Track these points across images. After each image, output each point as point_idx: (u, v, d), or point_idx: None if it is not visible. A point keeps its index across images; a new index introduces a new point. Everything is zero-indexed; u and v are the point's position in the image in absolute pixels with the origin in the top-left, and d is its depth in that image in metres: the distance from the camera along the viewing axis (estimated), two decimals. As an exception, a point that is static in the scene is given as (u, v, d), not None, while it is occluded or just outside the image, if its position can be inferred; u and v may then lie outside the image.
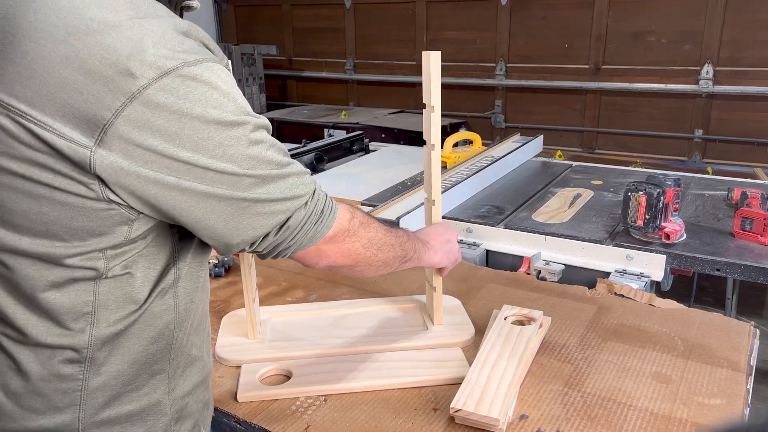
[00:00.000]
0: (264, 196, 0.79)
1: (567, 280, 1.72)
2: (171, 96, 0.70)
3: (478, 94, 4.81)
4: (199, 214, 0.77)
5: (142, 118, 0.69)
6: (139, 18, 0.71)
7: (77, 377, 0.79)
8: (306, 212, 0.84)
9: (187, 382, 0.90)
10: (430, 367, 1.24)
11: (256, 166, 0.78)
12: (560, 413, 1.10)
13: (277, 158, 0.81)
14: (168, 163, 0.72)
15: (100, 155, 0.69)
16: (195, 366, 0.91)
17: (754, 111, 3.95)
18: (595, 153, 4.48)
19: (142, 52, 0.69)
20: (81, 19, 0.69)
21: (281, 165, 0.81)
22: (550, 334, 1.36)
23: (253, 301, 1.32)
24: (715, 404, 1.12)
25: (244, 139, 0.76)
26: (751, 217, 1.78)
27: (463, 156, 2.64)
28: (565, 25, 4.40)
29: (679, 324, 1.39)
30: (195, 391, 0.92)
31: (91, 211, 0.73)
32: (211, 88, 0.73)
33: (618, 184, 2.36)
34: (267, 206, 0.80)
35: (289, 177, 0.82)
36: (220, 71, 0.75)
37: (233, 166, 0.75)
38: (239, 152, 0.76)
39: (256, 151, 0.78)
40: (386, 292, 1.59)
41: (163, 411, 0.86)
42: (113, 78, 0.68)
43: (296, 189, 0.83)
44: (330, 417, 1.11)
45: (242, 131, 0.76)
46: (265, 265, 1.77)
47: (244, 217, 0.79)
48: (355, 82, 5.48)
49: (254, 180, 0.78)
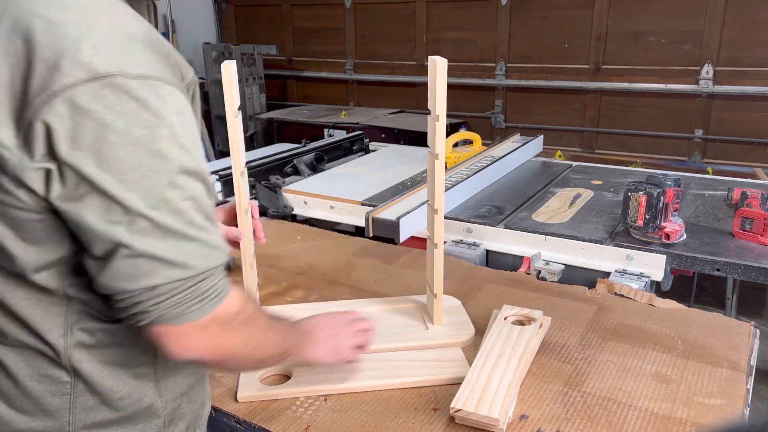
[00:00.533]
0: (150, 249, 0.68)
1: (567, 280, 1.72)
2: (95, 103, 0.64)
3: (478, 94, 4.81)
4: (77, 228, 0.69)
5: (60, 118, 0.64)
6: (87, 20, 0.67)
7: (64, 380, 0.78)
8: (183, 286, 0.71)
9: (179, 384, 0.88)
10: (430, 367, 1.24)
11: (161, 208, 0.68)
12: (560, 413, 1.10)
13: (191, 215, 0.70)
14: (72, 169, 0.65)
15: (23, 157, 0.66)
16: (186, 367, 0.89)
17: (754, 111, 3.95)
18: (595, 153, 4.48)
19: (77, 52, 0.64)
20: (29, 13, 0.67)
21: (191, 223, 0.70)
22: (550, 334, 1.36)
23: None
24: (715, 404, 1.12)
25: (164, 176, 0.67)
26: (751, 217, 1.78)
27: (463, 156, 2.64)
28: (565, 25, 4.40)
29: (679, 324, 1.39)
30: (189, 392, 0.91)
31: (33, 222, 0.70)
32: (142, 108, 0.66)
33: (618, 184, 2.36)
34: (148, 263, 0.69)
35: (193, 241, 0.71)
36: (167, 95, 0.68)
37: (135, 200, 0.66)
38: (151, 187, 0.67)
39: (171, 194, 0.68)
40: (386, 292, 1.59)
41: (156, 413, 0.85)
42: (42, 73, 0.64)
43: (193, 259, 0.71)
44: (330, 417, 1.11)
45: (166, 166, 0.67)
46: (266, 265, 1.78)
47: (119, 265, 0.68)
48: (355, 82, 5.47)
49: (151, 226, 0.68)
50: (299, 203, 2.26)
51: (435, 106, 1.22)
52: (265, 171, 2.43)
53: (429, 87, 1.23)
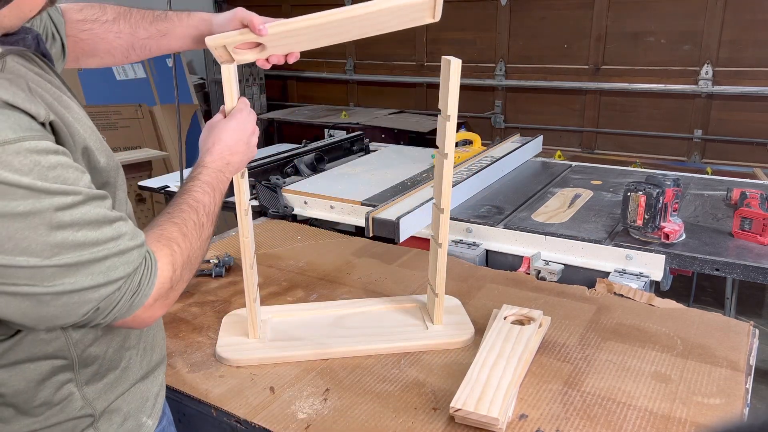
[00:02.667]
0: (70, 287, 0.69)
1: (566, 280, 1.72)
2: None
3: (477, 94, 4.82)
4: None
5: None
6: None
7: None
8: (120, 293, 0.75)
9: (115, 387, 0.87)
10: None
11: (60, 253, 0.68)
12: (560, 413, 1.10)
13: (92, 237, 0.71)
14: None
15: None
16: (126, 370, 0.89)
17: (754, 111, 3.95)
18: (594, 153, 4.48)
19: None
20: None
21: (97, 244, 0.71)
22: (549, 334, 1.36)
23: (254, 301, 1.32)
24: (714, 404, 1.12)
25: (42, 226, 0.66)
26: (751, 217, 1.78)
27: (463, 156, 2.64)
28: (565, 25, 4.40)
29: (679, 324, 1.40)
30: (130, 390, 0.90)
31: None
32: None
33: (617, 184, 2.36)
34: (74, 296, 0.70)
35: (106, 259, 0.72)
36: (9, 156, 0.64)
37: (29, 259, 0.66)
38: (37, 242, 0.66)
39: (61, 237, 0.68)
40: (386, 292, 1.60)
41: (82, 417, 0.84)
42: None
43: (113, 272, 0.73)
44: (330, 417, 1.12)
45: (38, 219, 0.66)
46: (266, 265, 1.78)
47: (46, 309, 0.70)
48: (355, 83, 5.48)
49: (58, 270, 0.68)
50: (299, 203, 2.27)
51: (446, 106, 1.21)
52: (265, 171, 2.44)
53: (441, 86, 1.23)
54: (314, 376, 1.25)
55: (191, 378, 1.25)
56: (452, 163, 1.27)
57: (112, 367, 0.87)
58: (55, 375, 0.81)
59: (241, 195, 1.22)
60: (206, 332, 1.42)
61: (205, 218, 0.93)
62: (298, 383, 1.22)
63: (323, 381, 1.23)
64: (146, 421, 0.94)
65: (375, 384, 1.21)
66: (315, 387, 1.21)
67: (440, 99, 1.24)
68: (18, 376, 0.78)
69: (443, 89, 1.22)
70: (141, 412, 0.93)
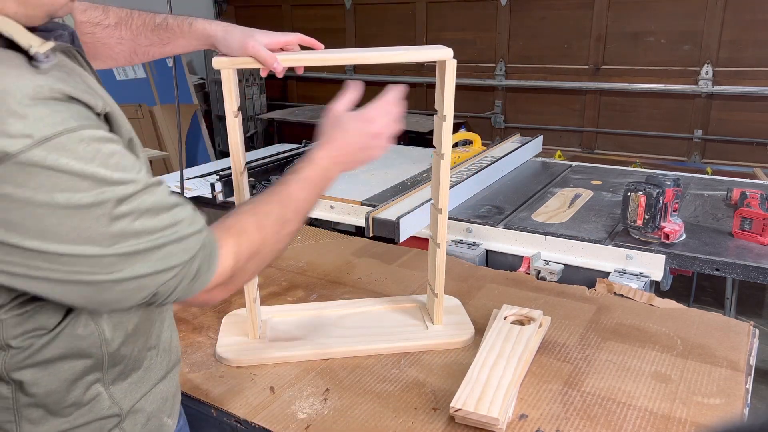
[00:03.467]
0: (129, 274, 0.71)
1: (567, 280, 1.73)
2: (8, 185, 0.62)
3: (477, 94, 4.82)
4: (56, 296, 0.71)
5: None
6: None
7: (6, 395, 0.77)
8: (177, 279, 0.75)
9: (139, 387, 0.88)
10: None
11: (119, 242, 0.69)
12: (560, 413, 1.10)
13: (150, 225, 0.71)
14: (12, 251, 0.65)
15: None
16: (148, 370, 0.89)
17: (754, 111, 3.95)
18: (594, 153, 4.48)
19: None
20: None
21: (155, 231, 0.72)
22: (549, 334, 1.36)
23: (254, 301, 1.32)
24: (714, 404, 1.12)
25: (104, 217, 0.67)
26: (751, 217, 1.78)
27: (463, 156, 2.64)
28: (565, 25, 4.40)
29: (679, 324, 1.40)
30: (153, 390, 0.90)
31: None
32: (56, 172, 0.64)
33: (617, 184, 2.36)
34: (133, 283, 0.71)
35: (164, 246, 0.73)
36: (74, 144, 0.65)
37: (92, 248, 0.67)
38: (98, 232, 0.67)
39: (121, 226, 0.69)
40: (386, 292, 1.60)
41: (108, 416, 0.84)
42: None
43: (171, 259, 0.74)
44: (330, 417, 1.12)
45: (101, 210, 0.67)
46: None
47: (107, 295, 0.71)
48: (355, 83, 5.48)
49: (118, 258, 0.69)
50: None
51: (442, 106, 1.22)
52: (265, 171, 2.44)
53: (437, 87, 1.24)
54: (314, 376, 1.25)
55: (191, 378, 1.25)
56: (449, 163, 1.28)
57: (136, 367, 0.88)
58: (87, 374, 0.81)
59: (241, 195, 1.22)
60: (206, 332, 1.42)
61: (292, 215, 0.94)
62: (298, 383, 1.22)
63: (323, 381, 1.23)
64: (167, 421, 0.94)
65: (375, 384, 1.21)
66: (315, 387, 1.21)
67: (436, 99, 1.25)
68: (52, 375, 0.79)
69: (439, 90, 1.22)
70: (162, 412, 0.93)
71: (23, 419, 0.79)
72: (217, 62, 1.12)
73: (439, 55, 1.17)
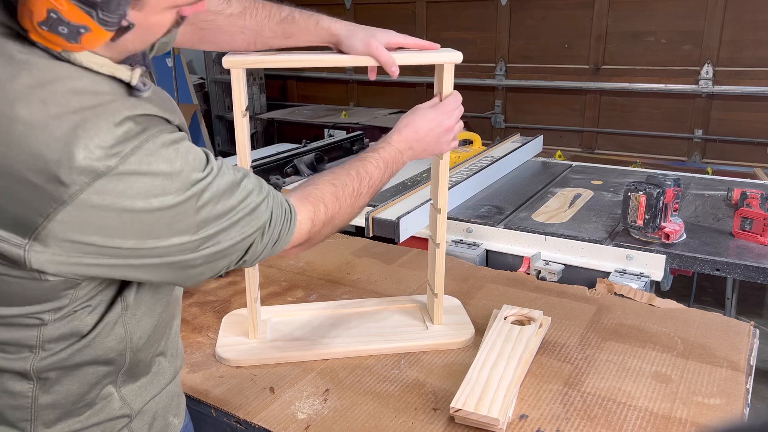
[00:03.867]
0: (215, 248, 0.78)
1: (567, 280, 1.72)
2: (108, 196, 0.67)
3: (478, 94, 4.82)
4: (150, 278, 0.77)
5: (77, 221, 0.66)
6: (69, 113, 0.65)
7: (26, 394, 0.78)
8: (262, 243, 0.84)
9: (148, 390, 0.90)
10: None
11: (205, 226, 0.76)
12: (560, 413, 1.10)
13: (228, 205, 0.78)
14: (112, 252, 0.70)
15: (35, 252, 0.67)
16: (157, 374, 0.91)
17: (754, 111, 3.95)
18: (594, 153, 4.48)
19: (71, 158, 0.64)
20: (6, 119, 0.64)
21: (231, 210, 0.78)
22: (550, 334, 1.36)
23: (254, 301, 1.32)
24: (714, 404, 1.12)
25: (191, 210, 0.74)
26: (751, 217, 1.78)
27: (463, 156, 2.64)
28: (565, 25, 4.40)
29: (679, 324, 1.40)
30: (161, 393, 0.92)
31: (35, 286, 0.71)
32: (151, 177, 0.69)
33: (618, 184, 2.36)
34: (219, 254, 0.79)
35: (240, 220, 0.80)
36: (159, 148, 0.70)
37: (182, 237, 0.74)
38: (188, 223, 0.74)
39: (205, 214, 0.75)
40: (386, 292, 1.60)
41: (118, 417, 0.86)
42: (43, 186, 0.64)
43: (249, 228, 0.81)
44: (330, 417, 1.12)
45: (189, 205, 0.73)
46: (266, 265, 1.78)
47: (194, 270, 0.78)
48: (355, 83, 5.48)
49: (204, 239, 0.76)
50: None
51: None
52: (265, 171, 2.44)
53: (435, 88, 1.24)
54: (314, 376, 1.24)
55: (191, 378, 1.25)
56: (448, 163, 1.28)
57: (146, 371, 0.90)
58: (105, 378, 0.84)
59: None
60: (206, 332, 1.42)
61: (365, 189, 1.02)
62: (298, 383, 1.22)
63: (323, 381, 1.23)
64: (173, 420, 0.96)
65: (375, 384, 1.21)
66: (315, 387, 1.21)
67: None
68: (75, 378, 0.80)
69: (437, 90, 1.23)
70: (168, 411, 0.95)
71: (38, 421, 0.80)
72: (227, 62, 1.11)
73: (451, 58, 1.19)
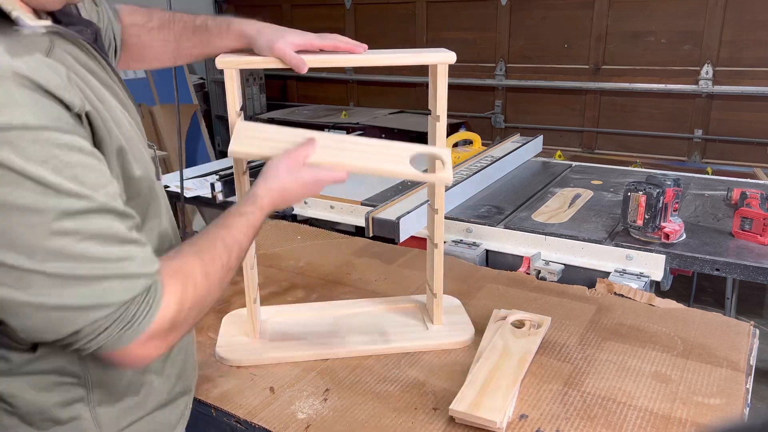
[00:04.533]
0: (54, 301, 0.64)
1: (567, 280, 1.72)
2: None
3: (478, 94, 4.81)
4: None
5: None
6: None
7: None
8: (109, 320, 0.67)
9: (133, 412, 0.84)
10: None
11: (52, 261, 0.63)
12: (560, 413, 1.10)
13: (94, 253, 0.65)
14: None
15: None
16: (144, 395, 0.86)
17: (754, 111, 3.95)
18: (594, 153, 4.48)
19: None
20: None
21: (97, 261, 0.65)
22: (550, 334, 1.36)
23: (255, 301, 1.32)
24: (714, 404, 1.12)
25: (41, 227, 0.62)
26: (751, 217, 1.78)
27: (463, 156, 2.64)
28: (565, 25, 4.39)
29: (679, 324, 1.40)
30: (145, 418, 0.86)
31: None
32: (6, 171, 0.59)
33: (618, 184, 2.36)
34: (56, 313, 0.65)
35: (104, 280, 0.66)
36: (25, 142, 0.60)
37: (18, 258, 0.62)
38: (31, 242, 0.62)
39: (59, 243, 0.63)
40: (386, 292, 1.60)
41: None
42: None
43: (108, 295, 0.66)
44: (330, 417, 1.12)
45: (39, 218, 0.61)
46: (266, 265, 1.78)
47: (29, 321, 0.65)
48: (355, 83, 5.47)
49: (46, 279, 0.63)
50: (299, 203, 2.26)
51: (435, 107, 1.22)
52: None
53: (430, 88, 1.24)
54: (314, 376, 1.24)
55: (191, 378, 1.25)
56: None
57: (131, 392, 0.84)
58: (67, 392, 0.78)
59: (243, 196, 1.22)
60: (206, 332, 1.42)
61: (235, 262, 0.87)
62: (298, 383, 1.22)
63: (323, 381, 1.23)
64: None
65: (375, 384, 1.21)
66: (315, 387, 1.21)
67: (430, 100, 1.25)
68: (31, 388, 0.76)
69: (432, 90, 1.23)
70: None
71: None
72: (220, 62, 1.11)
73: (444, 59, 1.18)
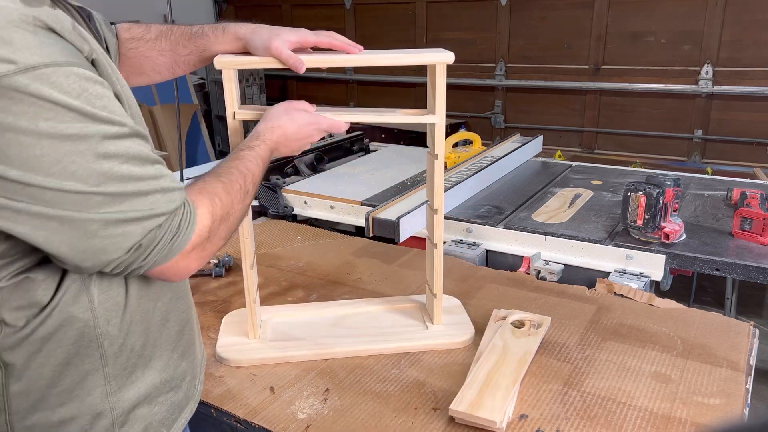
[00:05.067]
0: (116, 215, 0.71)
1: (567, 280, 1.72)
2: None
3: (478, 94, 4.82)
4: (39, 238, 0.69)
5: None
6: None
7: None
8: (162, 230, 0.76)
9: (139, 384, 0.86)
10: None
11: (105, 182, 0.69)
12: (560, 413, 1.10)
13: (136, 172, 0.72)
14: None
15: None
16: (152, 368, 0.87)
17: (754, 111, 3.95)
18: (594, 153, 4.48)
19: None
20: None
21: (141, 179, 0.73)
22: (550, 334, 1.36)
23: (254, 301, 1.32)
24: (714, 404, 1.12)
25: (89, 153, 0.67)
26: (751, 217, 1.78)
27: (463, 156, 2.64)
28: (565, 25, 4.40)
29: (679, 324, 1.40)
30: (153, 394, 0.88)
31: None
32: (39, 100, 0.64)
33: (618, 184, 2.36)
34: (119, 227, 0.72)
35: (150, 194, 0.74)
36: (60, 77, 0.65)
37: (76, 184, 0.67)
38: (83, 168, 0.67)
39: (107, 166, 0.69)
40: (386, 292, 1.60)
41: (102, 414, 0.82)
42: None
43: (156, 206, 0.75)
44: (330, 417, 1.12)
45: (86, 144, 0.67)
46: (266, 265, 1.78)
47: (93, 240, 0.71)
48: (355, 82, 5.48)
49: (104, 198, 0.69)
50: (299, 203, 2.27)
51: (434, 107, 1.22)
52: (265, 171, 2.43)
53: (428, 89, 1.24)
54: (314, 376, 1.25)
55: (191, 378, 1.25)
56: (443, 163, 1.28)
57: (142, 364, 0.86)
58: (83, 363, 0.79)
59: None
60: (206, 332, 1.42)
61: (250, 186, 0.96)
62: (298, 383, 1.22)
63: (323, 381, 1.23)
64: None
65: (375, 384, 1.21)
66: (315, 387, 1.21)
67: (428, 100, 1.25)
68: (44, 359, 0.77)
69: (430, 90, 1.23)
70: (163, 425, 0.90)
71: (12, 407, 0.77)
72: (218, 62, 1.12)
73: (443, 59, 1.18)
